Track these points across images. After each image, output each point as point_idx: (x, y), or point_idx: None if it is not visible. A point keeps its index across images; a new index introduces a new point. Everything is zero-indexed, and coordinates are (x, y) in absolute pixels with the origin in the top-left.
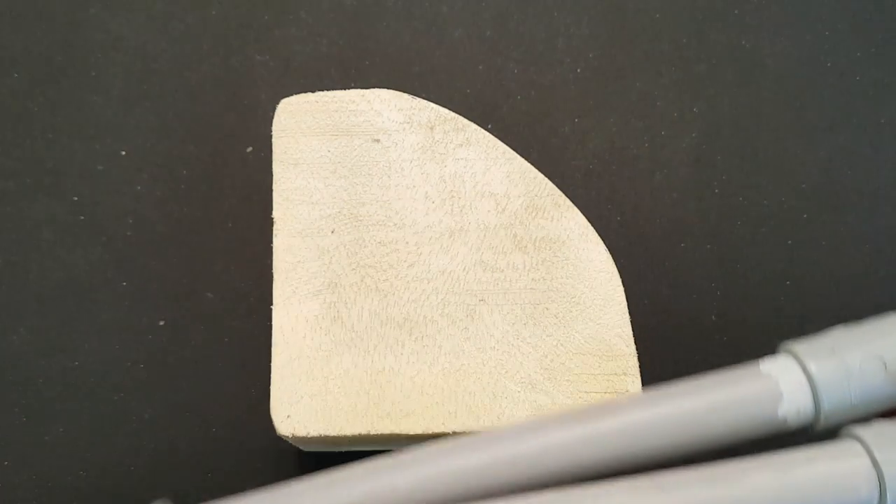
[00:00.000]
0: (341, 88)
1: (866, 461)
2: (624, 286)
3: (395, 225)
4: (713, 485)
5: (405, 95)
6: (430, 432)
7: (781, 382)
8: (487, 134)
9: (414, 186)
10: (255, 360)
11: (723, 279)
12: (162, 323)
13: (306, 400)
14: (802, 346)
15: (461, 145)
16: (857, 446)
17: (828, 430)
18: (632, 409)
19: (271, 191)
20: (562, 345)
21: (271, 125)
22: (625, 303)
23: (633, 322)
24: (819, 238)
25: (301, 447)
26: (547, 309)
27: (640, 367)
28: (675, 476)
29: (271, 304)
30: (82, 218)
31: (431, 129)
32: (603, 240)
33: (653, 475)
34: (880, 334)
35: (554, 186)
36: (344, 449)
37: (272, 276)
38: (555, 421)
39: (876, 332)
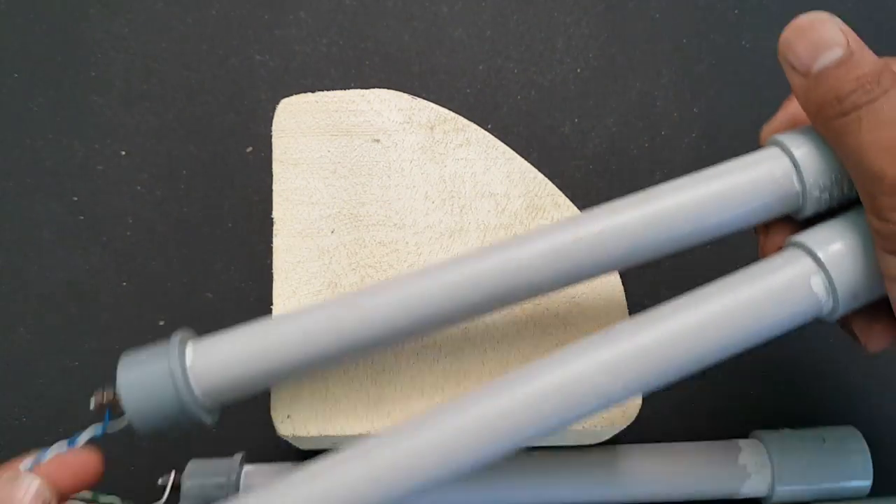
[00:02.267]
0: (341, 88)
1: (810, 262)
2: (624, 286)
3: (395, 225)
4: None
5: (405, 95)
6: None
7: (749, 465)
8: (487, 134)
9: (414, 186)
10: None
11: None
12: (162, 323)
13: (306, 400)
14: (770, 436)
15: (461, 145)
16: (803, 254)
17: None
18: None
19: (271, 191)
20: (562, 345)
21: (271, 125)
22: (625, 303)
23: None
24: None
25: (301, 447)
26: (547, 309)
27: None
28: (649, 313)
29: (271, 304)
30: (82, 218)
31: (431, 129)
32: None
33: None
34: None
35: (554, 186)
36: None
37: (272, 276)
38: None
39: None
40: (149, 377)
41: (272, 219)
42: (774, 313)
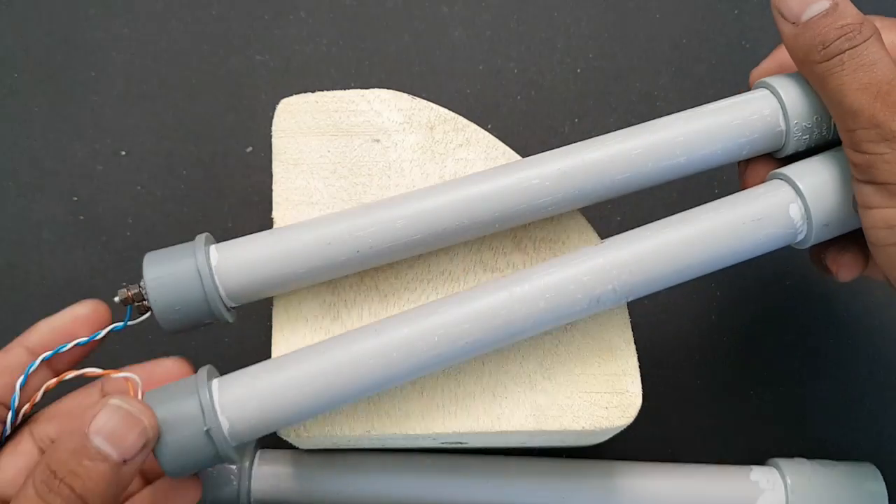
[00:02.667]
0: (341, 88)
1: (790, 191)
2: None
3: None
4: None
5: (405, 95)
6: (430, 433)
7: (762, 482)
8: (487, 134)
9: (414, 186)
10: (255, 361)
11: (723, 279)
12: None
13: None
14: (784, 461)
15: (461, 145)
16: (784, 184)
17: None
18: None
19: (271, 191)
20: (562, 345)
21: (271, 125)
22: (625, 303)
23: (632, 322)
24: None
25: (302, 447)
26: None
27: (640, 367)
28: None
29: (271, 304)
30: (82, 218)
31: (431, 129)
32: (603, 240)
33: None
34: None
35: None
36: (343, 446)
37: None
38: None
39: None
40: (176, 273)
41: (272, 219)
42: (754, 234)
